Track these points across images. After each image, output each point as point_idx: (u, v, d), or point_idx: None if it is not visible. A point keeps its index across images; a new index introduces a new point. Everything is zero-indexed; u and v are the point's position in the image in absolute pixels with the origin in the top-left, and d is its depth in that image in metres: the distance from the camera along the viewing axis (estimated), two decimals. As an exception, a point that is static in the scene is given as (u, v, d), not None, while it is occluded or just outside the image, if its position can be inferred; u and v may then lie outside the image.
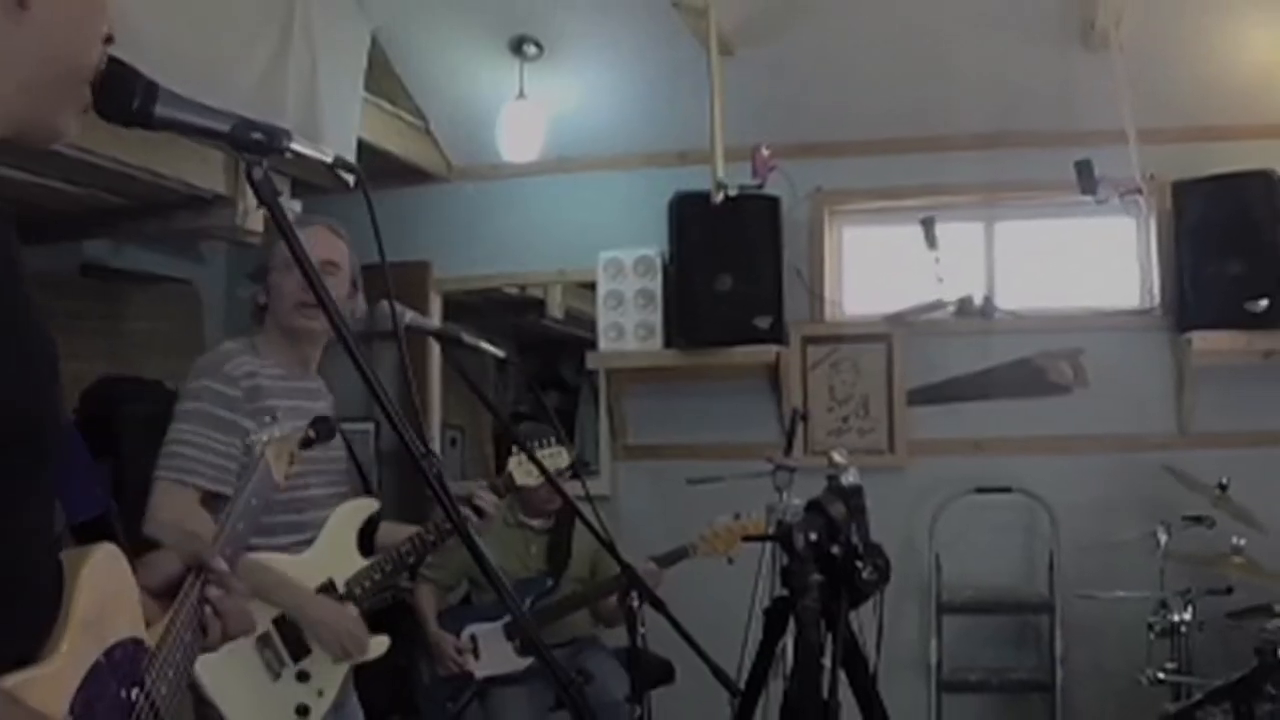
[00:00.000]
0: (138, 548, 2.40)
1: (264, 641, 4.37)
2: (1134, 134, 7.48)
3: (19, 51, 1.82)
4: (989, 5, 7.78)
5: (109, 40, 2.01)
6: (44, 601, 1.90)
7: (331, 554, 4.60)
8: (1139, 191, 7.54)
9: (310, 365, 4.73)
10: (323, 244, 4.61)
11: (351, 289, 4.86)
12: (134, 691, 2.04)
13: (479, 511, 4.99)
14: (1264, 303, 7.73)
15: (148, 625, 2.18)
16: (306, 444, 4.01)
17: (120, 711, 2.01)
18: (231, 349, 4.60)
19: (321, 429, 4.08)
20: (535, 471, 5.04)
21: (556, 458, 5.32)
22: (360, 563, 4.67)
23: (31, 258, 1.82)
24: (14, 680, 1.74)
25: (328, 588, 4.52)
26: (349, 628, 4.47)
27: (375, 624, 4.70)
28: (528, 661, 6.82)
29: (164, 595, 2.34)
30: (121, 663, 2.03)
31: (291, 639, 4.43)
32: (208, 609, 2.38)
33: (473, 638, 6.91)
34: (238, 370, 4.46)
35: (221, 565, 2.44)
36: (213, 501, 4.31)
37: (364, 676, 4.72)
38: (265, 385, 4.50)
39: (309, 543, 4.54)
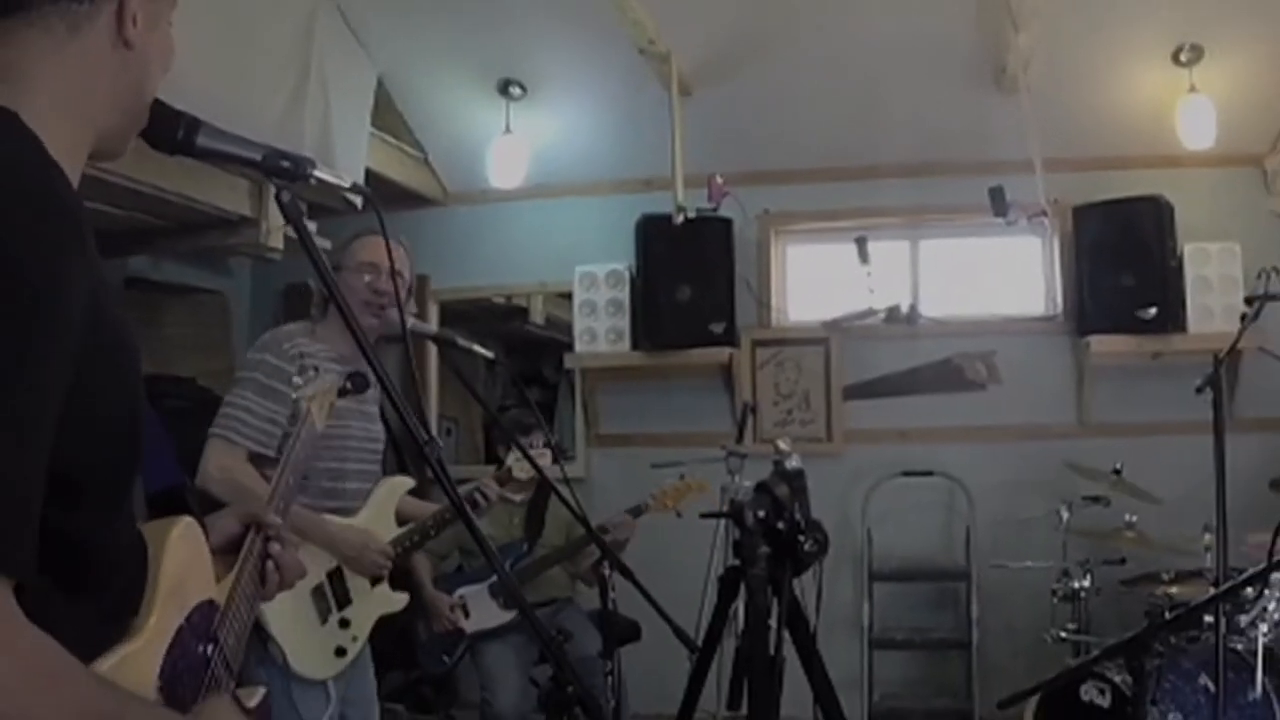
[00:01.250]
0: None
1: (318, 591, 4.45)
2: (1040, 164, 7.48)
3: (124, 83, 1.91)
4: (914, 52, 7.77)
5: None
6: (136, 580, 1.92)
7: (376, 520, 4.70)
8: (1044, 214, 7.52)
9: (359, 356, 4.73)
10: (380, 250, 4.57)
11: (408, 294, 5.03)
12: (209, 647, 2.08)
13: (485, 498, 5.30)
14: (1153, 311, 7.77)
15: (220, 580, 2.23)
16: (343, 393, 4.03)
17: (199, 667, 2.04)
18: (292, 330, 4.62)
19: (357, 380, 4.12)
20: (529, 467, 5.19)
21: (524, 465, 5.42)
22: (395, 530, 4.79)
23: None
24: (109, 662, 1.75)
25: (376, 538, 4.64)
26: (374, 558, 4.56)
27: (392, 585, 4.79)
28: (511, 615, 6.84)
29: (223, 553, 2.35)
30: (199, 623, 2.06)
31: (339, 590, 4.53)
32: (267, 563, 2.41)
33: (462, 597, 6.92)
34: (293, 349, 4.45)
35: (277, 520, 2.48)
36: (256, 460, 4.37)
37: (371, 635, 4.73)
38: (317, 365, 4.47)
39: (344, 510, 4.58)
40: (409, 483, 4.94)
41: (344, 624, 4.51)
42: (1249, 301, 6.09)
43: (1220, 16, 7.39)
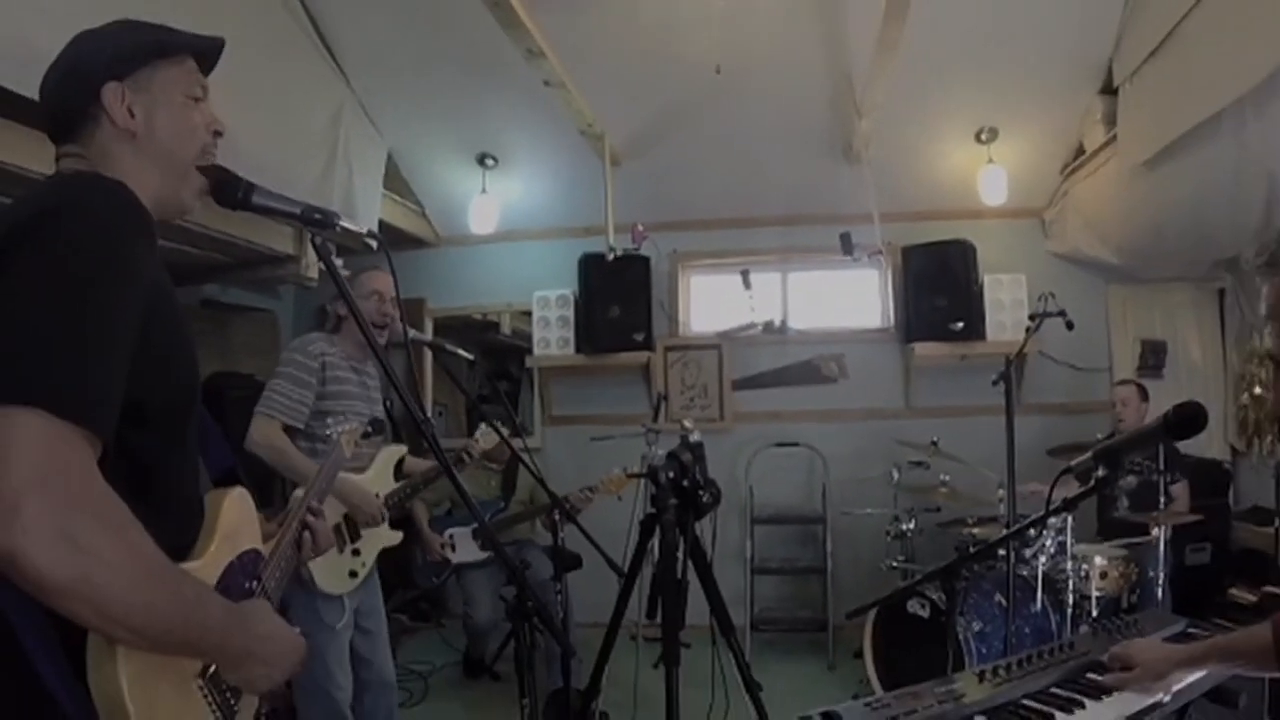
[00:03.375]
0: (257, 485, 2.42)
1: (336, 529, 4.43)
2: (877, 216, 7.52)
3: (146, 159, 1.98)
4: (785, 133, 7.80)
5: (219, 134, 2.11)
6: (197, 514, 2.02)
7: (379, 477, 4.70)
8: (880, 253, 7.54)
9: (367, 359, 4.74)
10: (385, 281, 4.72)
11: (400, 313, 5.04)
12: (253, 583, 2.11)
13: (470, 455, 5.49)
14: (960, 324, 7.85)
15: (265, 542, 2.26)
16: (365, 435, 4.36)
17: (244, 596, 2.07)
18: (314, 336, 4.64)
19: (376, 426, 4.47)
20: (494, 438, 5.55)
21: (488, 436, 5.56)
22: (393, 484, 4.79)
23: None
24: (186, 566, 1.85)
25: (374, 497, 4.63)
26: (372, 508, 4.54)
27: (392, 526, 4.77)
28: (487, 554, 6.84)
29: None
30: (246, 564, 2.11)
31: (351, 528, 4.55)
32: (305, 534, 2.47)
33: (451, 536, 6.91)
34: (315, 350, 4.51)
35: (317, 505, 2.57)
36: (288, 433, 4.43)
37: (379, 561, 4.73)
38: (333, 362, 4.54)
39: (356, 470, 4.59)
40: (403, 449, 4.92)
41: (355, 553, 4.52)
42: (1032, 318, 6.20)
43: (1011, 107, 7.49)
